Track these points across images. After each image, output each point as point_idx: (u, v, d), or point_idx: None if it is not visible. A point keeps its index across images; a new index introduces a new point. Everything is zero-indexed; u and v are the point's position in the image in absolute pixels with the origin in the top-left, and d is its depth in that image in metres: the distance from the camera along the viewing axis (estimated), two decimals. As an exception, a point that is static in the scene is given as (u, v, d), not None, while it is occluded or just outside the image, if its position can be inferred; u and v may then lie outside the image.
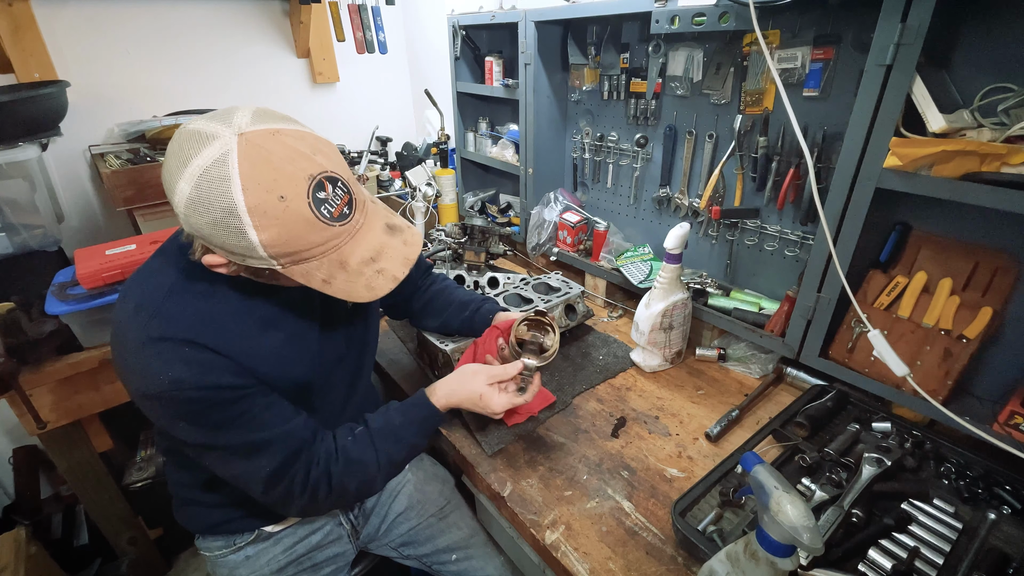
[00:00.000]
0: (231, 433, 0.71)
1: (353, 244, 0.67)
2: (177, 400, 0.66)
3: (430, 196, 1.87)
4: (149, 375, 0.66)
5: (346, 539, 1.01)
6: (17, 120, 1.35)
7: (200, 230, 0.60)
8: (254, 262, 0.63)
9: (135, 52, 1.81)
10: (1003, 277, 0.88)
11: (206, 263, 0.66)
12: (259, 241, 0.59)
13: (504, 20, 1.50)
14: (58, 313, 1.18)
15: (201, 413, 0.68)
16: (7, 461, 1.73)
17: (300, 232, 0.61)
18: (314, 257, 0.64)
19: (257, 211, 0.58)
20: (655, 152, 1.41)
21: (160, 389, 0.65)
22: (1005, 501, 0.81)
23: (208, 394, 0.67)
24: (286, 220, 0.59)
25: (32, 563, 1.30)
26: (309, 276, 0.65)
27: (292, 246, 0.62)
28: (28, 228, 1.41)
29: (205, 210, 0.58)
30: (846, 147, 0.90)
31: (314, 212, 0.61)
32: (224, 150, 0.57)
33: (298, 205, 0.60)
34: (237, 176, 0.57)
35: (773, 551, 0.58)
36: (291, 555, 0.94)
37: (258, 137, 0.59)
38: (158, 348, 0.66)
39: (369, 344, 1.00)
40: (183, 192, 0.58)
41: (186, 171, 0.58)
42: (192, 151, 0.58)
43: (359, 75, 2.36)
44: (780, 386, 1.18)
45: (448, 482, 1.11)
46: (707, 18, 1.03)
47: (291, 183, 0.59)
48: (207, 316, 0.71)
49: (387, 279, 0.70)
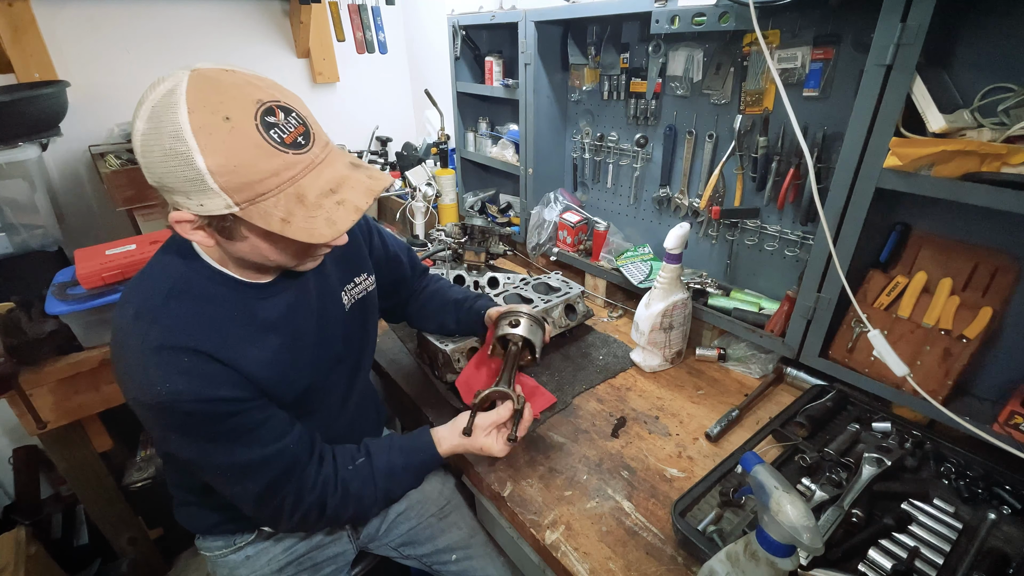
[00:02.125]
0: (223, 449, 0.71)
1: (313, 176, 0.63)
2: (173, 411, 0.66)
3: (430, 196, 1.87)
4: (147, 384, 0.65)
5: (346, 539, 1.01)
6: (17, 120, 1.35)
7: (154, 170, 0.59)
8: (211, 206, 0.60)
9: (135, 52, 1.81)
10: (1003, 277, 0.88)
11: (172, 221, 0.63)
12: (206, 168, 0.56)
13: (504, 20, 1.50)
14: (58, 313, 1.18)
15: (196, 426, 0.68)
16: (7, 461, 1.73)
17: (249, 158, 0.58)
18: (270, 192, 0.60)
19: (202, 132, 0.56)
20: (655, 152, 1.41)
21: (157, 399, 0.65)
22: (1005, 501, 0.81)
23: (205, 407, 0.67)
24: (232, 142, 0.57)
25: (32, 563, 1.30)
26: (268, 217, 0.61)
27: (242, 175, 0.58)
28: (28, 228, 1.41)
29: (155, 141, 0.57)
30: (846, 147, 0.90)
31: (262, 134, 0.58)
32: (175, 83, 0.58)
33: (245, 127, 0.58)
34: (184, 102, 0.56)
35: (773, 551, 0.58)
36: (291, 555, 0.94)
37: (210, 71, 0.59)
38: (158, 358, 0.65)
39: (367, 344, 1.00)
40: (138, 130, 0.58)
41: (142, 109, 0.58)
42: (148, 93, 0.59)
43: (359, 75, 2.36)
44: (780, 386, 1.18)
45: (448, 482, 1.11)
46: (707, 18, 1.03)
47: (237, 105, 0.58)
48: (208, 321, 0.70)
49: (348, 210, 0.65)
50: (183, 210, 0.62)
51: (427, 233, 1.88)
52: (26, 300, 1.30)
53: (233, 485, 0.74)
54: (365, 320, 0.98)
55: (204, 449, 0.70)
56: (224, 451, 0.71)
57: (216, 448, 0.71)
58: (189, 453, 0.71)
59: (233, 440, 0.71)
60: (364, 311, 0.97)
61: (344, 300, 0.92)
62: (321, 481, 0.79)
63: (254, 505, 0.75)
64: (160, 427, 0.69)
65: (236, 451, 0.71)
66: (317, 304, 0.85)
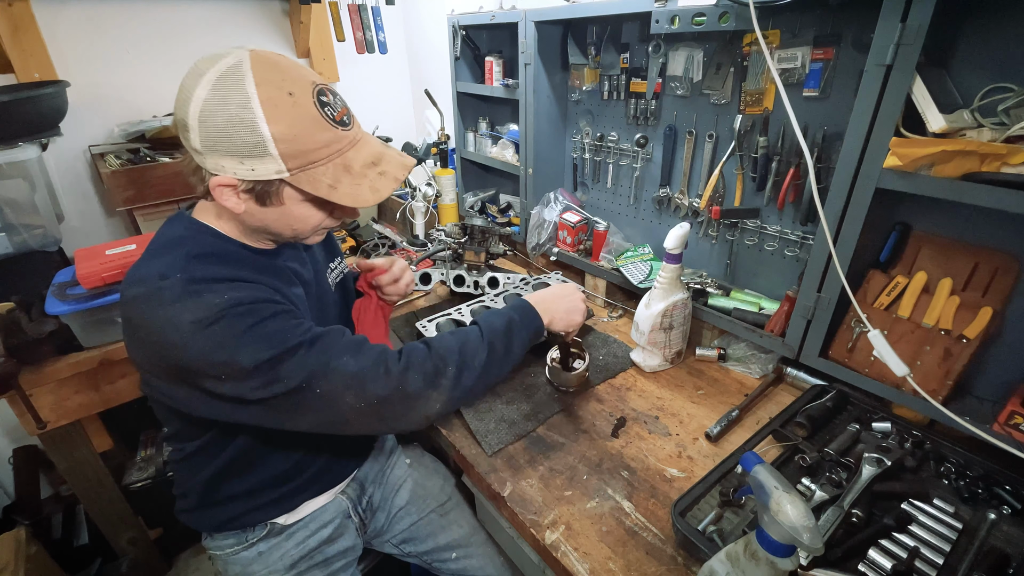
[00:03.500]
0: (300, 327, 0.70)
1: (355, 151, 0.71)
2: (242, 316, 0.66)
3: (430, 196, 1.87)
4: (204, 304, 0.64)
5: (355, 532, 1.01)
6: (17, 120, 1.35)
7: (211, 134, 0.63)
8: (263, 171, 0.65)
9: (135, 52, 1.80)
10: (1003, 277, 0.88)
11: (214, 186, 0.67)
12: (271, 134, 0.63)
13: (504, 20, 1.50)
14: (58, 313, 1.18)
15: (269, 320, 0.68)
16: (7, 461, 1.73)
17: (307, 129, 0.65)
18: (320, 161, 0.67)
19: (269, 103, 0.62)
20: (655, 152, 1.41)
21: (221, 310, 0.64)
22: (1005, 501, 0.81)
23: (267, 306, 0.69)
24: (295, 115, 0.64)
25: (32, 563, 1.30)
26: (316, 183, 0.68)
27: (300, 143, 0.65)
28: (28, 228, 1.41)
29: (221, 107, 0.62)
30: (846, 147, 0.90)
31: (319, 111, 0.66)
32: (238, 59, 0.63)
33: (305, 102, 0.65)
34: (251, 74, 0.62)
35: (773, 551, 0.58)
36: (303, 549, 0.93)
37: (267, 52, 0.66)
38: (207, 285, 0.67)
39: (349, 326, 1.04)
40: (199, 97, 0.62)
41: (203, 79, 0.62)
42: (207, 65, 0.63)
43: (359, 75, 2.36)
44: (780, 386, 1.18)
45: (449, 480, 1.11)
46: (707, 18, 1.03)
47: (298, 84, 0.65)
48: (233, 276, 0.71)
49: (389, 180, 0.73)
50: (227, 175, 0.66)
51: (427, 233, 1.88)
52: (26, 300, 1.30)
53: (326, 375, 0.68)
54: (347, 302, 1.05)
55: (282, 336, 0.67)
56: (300, 328, 0.69)
57: (295, 329, 0.69)
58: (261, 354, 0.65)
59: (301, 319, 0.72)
60: (344, 293, 1.05)
61: (329, 280, 0.98)
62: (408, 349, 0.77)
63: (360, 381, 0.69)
64: (232, 343, 0.64)
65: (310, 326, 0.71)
66: (314, 278, 0.91)
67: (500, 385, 1.19)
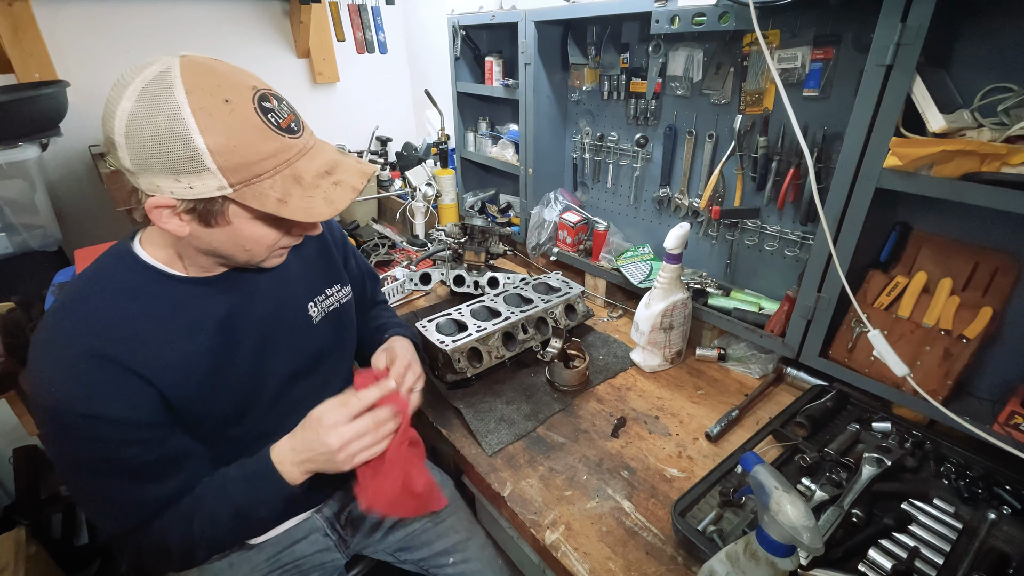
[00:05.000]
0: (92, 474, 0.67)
1: (307, 160, 0.64)
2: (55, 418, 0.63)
3: (430, 196, 1.87)
4: (41, 382, 0.63)
5: (333, 548, 0.99)
6: (17, 120, 1.35)
7: (140, 152, 0.57)
8: (202, 188, 0.58)
9: (135, 52, 1.80)
10: (1003, 277, 0.88)
11: (150, 208, 0.60)
12: (206, 147, 0.56)
13: (504, 20, 1.50)
14: (58, 313, 1.18)
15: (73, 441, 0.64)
16: (7, 461, 1.72)
17: (249, 139, 0.59)
18: (266, 174, 0.61)
19: (202, 112, 0.56)
20: (655, 152, 1.41)
21: (44, 401, 0.63)
22: (1005, 501, 0.81)
23: (87, 423, 0.63)
24: (232, 123, 0.57)
25: (32, 563, 1.30)
26: (263, 198, 0.61)
27: (241, 155, 0.58)
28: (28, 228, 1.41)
29: (148, 121, 0.55)
30: (846, 147, 0.90)
31: (261, 117, 0.59)
32: (166, 66, 0.57)
33: (244, 109, 0.58)
34: (180, 83, 0.56)
35: (773, 551, 0.58)
36: (274, 564, 0.91)
37: (199, 57, 0.60)
38: (57, 356, 0.64)
39: (342, 358, 0.95)
40: (124, 111, 0.56)
41: (127, 91, 0.56)
42: (132, 75, 0.57)
43: (359, 75, 2.36)
44: (780, 386, 1.18)
45: (446, 484, 1.10)
46: (707, 18, 1.03)
47: (235, 89, 0.59)
48: (125, 317, 0.67)
49: (345, 190, 0.66)
50: (164, 195, 0.59)
51: (427, 233, 1.88)
52: (26, 300, 1.30)
53: (94, 517, 0.70)
54: (340, 333, 0.94)
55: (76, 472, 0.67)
56: (95, 477, 0.67)
57: (87, 470, 0.66)
58: (62, 467, 0.67)
59: (106, 468, 0.66)
60: (339, 324, 0.93)
61: (311, 312, 0.88)
62: None
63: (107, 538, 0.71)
64: (42, 429, 0.66)
65: (107, 481, 0.67)
66: (270, 311, 0.81)
67: (500, 385, 1.19)
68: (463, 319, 1.22)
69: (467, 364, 1.14)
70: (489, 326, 1.18)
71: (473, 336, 1.15)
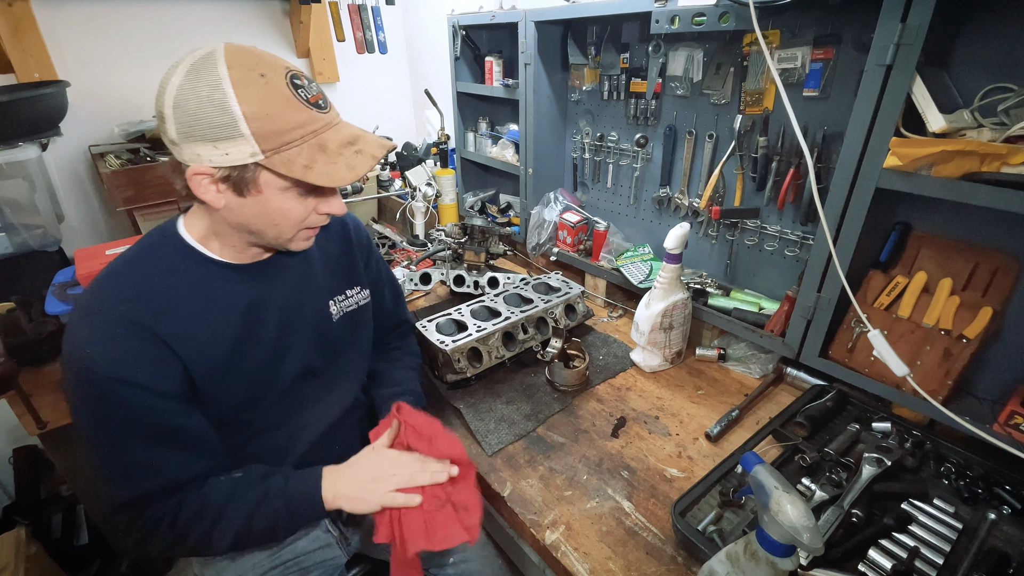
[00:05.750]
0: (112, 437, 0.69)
1: (332, 132, 0.70)
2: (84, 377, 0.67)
3: (430, 196, 1.87)
4: (76, 341, 0.67)
5: (335, 545, 0.99)
6: (17, 120, 1.35)
7: (185, 120, 0.63)
8: (237, 154, 0.64)
9: (135, 52, 1.81)
10: (1003, 277, 0.88)
11: (190, 176, 0.66)
12: (241, 113, 0.62)
13: (504, 20, 1.50)
14: (58, 313, 1.19)
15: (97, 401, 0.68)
16: (7, 461, 1.73)
17: (280, 108, 0.64)
18: (294, 142, 0.66)
19: (240, 83, 0.63)
20: (655, 152, 1.41)
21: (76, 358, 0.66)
22: (1005, 501, 0.81)
23: (115, 387, 0.66)
24: (266, 94, 0.64)
25: (32, 563, 1.30)
26: (291, 164, 0.66)
27: (273, 123, 0.64)
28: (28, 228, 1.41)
29: (192, 92, 0.62)
30: (846, 147, 0.90)
31: (292, 91, 0.66)
32: (212, 48, 0.65)
33: (277, 83, 0.65)
34: (223, 60, 0.63)
35: (773, 551, 0.58)
36: (276, 560, 0.91)
37: (242, 45, 0.67)
38: (97, 318, 0.68)
39: (355, 361, 0.97)
40: (174, 85, 0.63)
41: (178, 69, 0.64)
42: (184, 56, 0.65)
43: (359, 75, 2.36)
44: (780, 386, 1.18)
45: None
46: (707, 18, 1.03)
47: (270, 67, 0.65)
48: (162, 291, 0.72)
49: (366, 158, 0.71)
50: (202, 163, 0.65)
51: (427, 233, 1.88)
52: (26, 300, 1.30)
53: (104, 482, 0.71)
54: (356, 334, 0.96)
55: (97, 430, 0.69)
56: (113, 438, 0.69)
57: (107, 430, 0.69)
58: (84, 427, 0.70)
59: (124, 431, 0.69)
60: (355, 326, 0.95)
61: (332, 311, 0.91)
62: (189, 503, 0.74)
63: (109, 511, 0.72)
64: (70, 389, 0.69)
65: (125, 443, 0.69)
66: (293, 304, 0.84)
67: (500, 385, 1.19)
68: (463, 319, 1.22)
69: (467, 364, 1.14)
70: (489, 326, 1.18)
71: (473, 336, 1.15)
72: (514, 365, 1.26)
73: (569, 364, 1.21)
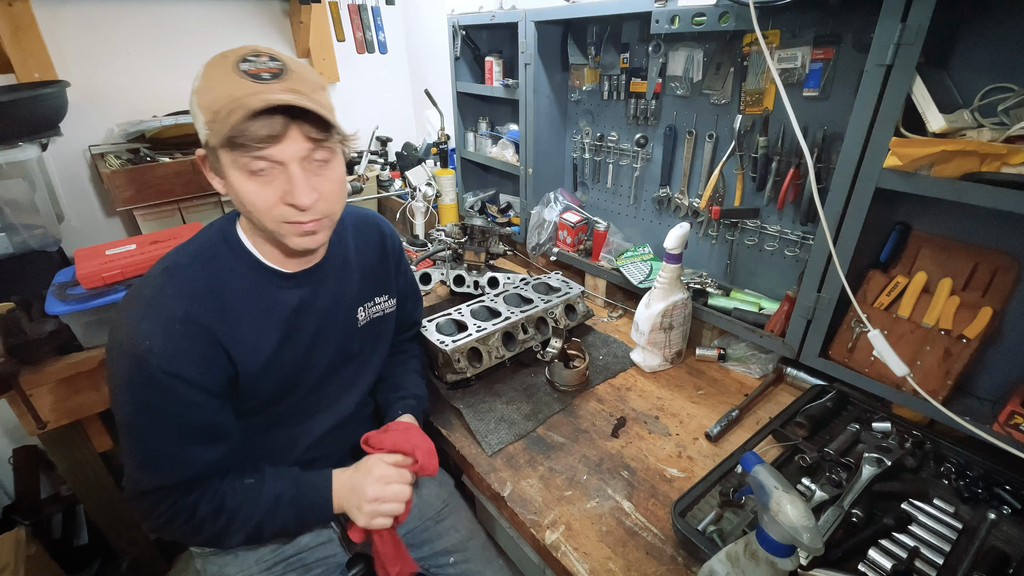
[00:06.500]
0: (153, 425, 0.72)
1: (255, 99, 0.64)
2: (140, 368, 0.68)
3: (430, 196, 1.87)
4: (135, 334, 0.68)
5: (336, 542, 1.00)
6: (17, 120, 1.35)
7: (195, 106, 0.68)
8: (203, 132, 0.68)
9: (135, 52, 1.80)
10: (1003, 277, 0.88)
11: (198, 162, 0.73)
12: (193, 90, 0.68)
13: (504, 20, 1.50)
14: (58, 313, 1.18)
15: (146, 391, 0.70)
16: (7, 461, 1.73)
17: (218, 82, 0.66)
18: (221, 112, 0.66)
19: (207, 66, 0.68)
20: (655, 152, 1.41)
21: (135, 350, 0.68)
22: (1005, 501, 0.81)
23: (165, 379, 0.69)
24: (214, 70, 0.67)
25: (32, 563, 1.30)
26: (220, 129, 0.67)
27: (208, 95, 0.66)
28: (28, 228, 1.41)
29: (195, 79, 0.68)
30: (846, 147, 0.90)
31: (235, 66, 0.66)
32: None
33: (229, 60, 0.67)
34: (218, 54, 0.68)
35: (773, 551, 0.58)
36: (279, 555, 0.92)
37: None
38: (159, 313, 0.70)
39: (370, 365, 1.00)
40: None
41: None
42: None
43: (359, 75, 2.36)
44: (780, 386, 1.18)
45: (446, 484, 1.10)
46: (707, 18, 1.03)
47: (239, 49, 0.68)
48: (220, 291, 0.74)
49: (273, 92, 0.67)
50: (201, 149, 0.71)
51: (427, 233, 1.88)
52: (26, 300, 1.30)
53: (133, 468, 0.74)
54: (376, 340, 1.00)
55: (137, 417, 0.72)
56: (151, 428, 0.72)
57: (147, 420, 0.72)
58: (124, 413, 0.72)
59: (165, 423, 0.72)
60: (377, 332, 0.99)
61: (359, 316, 0.94)
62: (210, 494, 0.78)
63: (132, 495, 0.76)
64: (117, 375, 0.71)
65: (161, 434, 0.72)
66: (329, 307, 0.88)
67: (500, 385, 1.19)
68: (463, 319, 1.22)
69: (467, 364, 1.14)
70: (489, 326, 1.18)
71: (473, 336, 1.15)
72: (514, 365, 1.26)
73: (569, 364, 1.21)
